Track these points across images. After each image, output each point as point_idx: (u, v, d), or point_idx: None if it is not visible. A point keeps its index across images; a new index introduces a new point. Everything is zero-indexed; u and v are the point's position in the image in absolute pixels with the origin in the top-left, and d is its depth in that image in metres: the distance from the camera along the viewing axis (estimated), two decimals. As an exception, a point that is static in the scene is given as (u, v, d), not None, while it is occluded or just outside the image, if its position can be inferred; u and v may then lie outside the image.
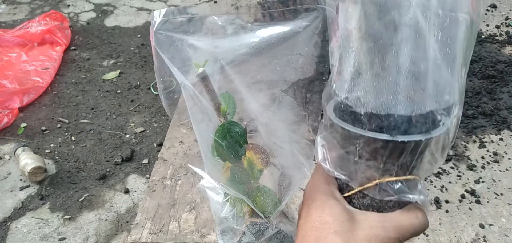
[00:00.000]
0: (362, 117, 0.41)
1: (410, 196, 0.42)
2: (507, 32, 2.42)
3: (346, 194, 0.45)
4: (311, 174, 0.49)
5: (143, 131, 1.82)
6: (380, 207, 0.44)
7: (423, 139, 0.39)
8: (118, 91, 2.09)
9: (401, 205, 0.44)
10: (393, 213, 0.43)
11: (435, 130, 0.40)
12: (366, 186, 0.43)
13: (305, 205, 0.46)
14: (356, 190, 0.44)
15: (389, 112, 0.39)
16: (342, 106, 0.44)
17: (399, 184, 0.42)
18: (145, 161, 1.65)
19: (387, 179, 0.42)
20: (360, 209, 0.44)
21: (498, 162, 1.55)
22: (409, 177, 0.42)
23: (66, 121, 1.88)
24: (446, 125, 0.40)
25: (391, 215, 0.43)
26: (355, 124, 0.41)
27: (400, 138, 0.38)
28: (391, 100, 0.38)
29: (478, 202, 1.39)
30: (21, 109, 1.93)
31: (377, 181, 0.42)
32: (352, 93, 0.41)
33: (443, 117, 0.41)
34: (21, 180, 1.57)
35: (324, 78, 0.55)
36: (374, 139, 0.39)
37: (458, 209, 1.37)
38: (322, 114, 0.46)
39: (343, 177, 0.44)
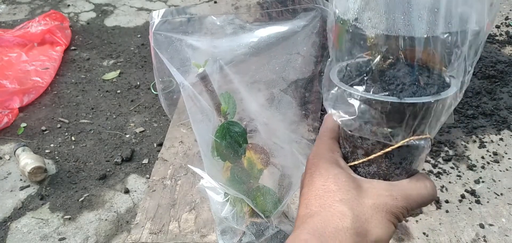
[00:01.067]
0: (367, 79, 0.40)
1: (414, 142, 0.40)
2: (507, 32, 2.42)
3: (351, 163, 0.44)
4: (315, 142, 0.47)
5: (143, 131, 1.82)
6: (386, 175, 0.42)
7: (432, 101, 0.37)
8: (118, 91, 2.09)
9: (409, 173, 0.42)
10: (401, 181, 0.42)
11: (444, 92, 0.38)
12: (373, 155, 0.41)
13: (307, 174, 0.44)
14: (363, 160, 0.42)
15: (399, 34, 0.37)
16: (347, 69, 0.42)
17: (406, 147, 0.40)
18: (145, 161, 1.65)
19: (396, 146, 0.40)
20: (365, 177, 0.43)
21: (498, 162, 1.55)
22: (420, 136, 0.40)
23: (66, 121, 1.88)
24: (456, 87, 0.38)
25: (399, 184, 0.41)
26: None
27: (408, 100, 0.37)
28: (402, 20, 0.36)
29: (478, 202, 1.38)
30: (21, 109, 1.93)
31: (385, 150, 0.40)
32: (363, 13, 0.39)
33: (451, 79, 0.39)
34: (21, 180, 1.57)
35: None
36: (381, 102, 0.38)
37: (458, 209, 1.37)
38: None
39: (348, 117, 0.41)
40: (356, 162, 0.43)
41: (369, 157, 0.42)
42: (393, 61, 0.40)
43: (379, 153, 0.41)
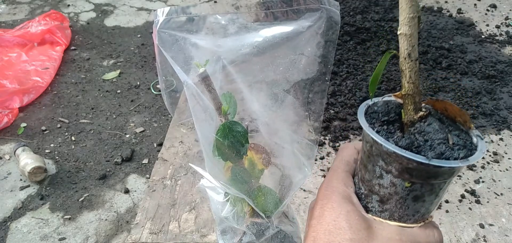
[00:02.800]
0: (396, 130, 0.39)
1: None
2: (507, 32, 2.42)
3: (364, 203, 0.44)
4: (328, 173, 0.47)
5: (143, 131, 1.82)
6: (398, 220, 0.42)
7: (460, 165, 0.37)
8: (118, 91, 2.09)
9: (419, 220, 0.43)
10: (412, 227, 0.42)
11: (472, 156, 0.37)
12: (388, 205, 0.41)
13: (318, 205, 0.43)
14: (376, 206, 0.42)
15: None
16: (374, 109, 0.42)
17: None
18: (145, 161, 1.65)
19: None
20: (378, 217, 0.43)
21: (498, 162, 1.55)
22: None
23: (66, 121, 1.88)
24: (482, 151, 0.38)
25: (409, 229, 0.41)
26: (388, 138, 0.39)
27: (436, 162, 0.36)
28: None
29: (478, 202, 1.39)
30: (21, 109, 1.93)
31: (401, 202, 0.40)
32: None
33: (478, 139, 0.39)
34: (21, 180, 1.56)
35: (326, 78, 0.55)
36: (407, 159, 0.37)
37: (458, 209, 1.37)
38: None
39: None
40: (369, 206, 0.43)
41: (384, 206, 0.42)
42: (425, 114, 0.39)
43: (394, 203, 0.41)
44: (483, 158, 1.57)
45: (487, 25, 2.50)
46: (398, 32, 0.39)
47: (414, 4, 0.37)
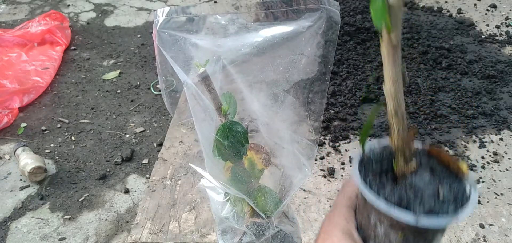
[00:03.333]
0: (389, 180, 0.40)
1: None
2: (507, 32, 2.42)
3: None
4: (331, 208, 0.48)
5: (143, 131, 1.82)
6: None
7: (447, 223, 0.36)
8: (118, 91, 2.09)
9: None
10: None
11: (462, 213, 0.37)
12: None
13: (320, 239, 0.45)
14: None
15: None
16: (370, 156, 0.42)
17: None
18: (145, 161, 1.65)
19: None
20: None
21: (498, 162, 1.55)
22: None
23: (66, 121, 1.88)
24: (474, 202, 0.38)
25: None
26: (380, 191, 0.39)
27: (425, 222, 0.36)
28: None
29: (478, 202, 1.39)
30: (21, 109, 1.93)
31: None
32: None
33: (472, 188, 0.38)
34: (21, 180, 1.56)
35: (326, 78, 0.55)
36: (396, 217, 0.37)
37: (458, 209, 1.37)
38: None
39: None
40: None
41: None
42: (416, 167, 0.40)
43: None
44: (483, 158, 1.57)
45: (487, 25, 2.50)
46: (384, 89, 0.39)
47: (396, 64, 0.37)
